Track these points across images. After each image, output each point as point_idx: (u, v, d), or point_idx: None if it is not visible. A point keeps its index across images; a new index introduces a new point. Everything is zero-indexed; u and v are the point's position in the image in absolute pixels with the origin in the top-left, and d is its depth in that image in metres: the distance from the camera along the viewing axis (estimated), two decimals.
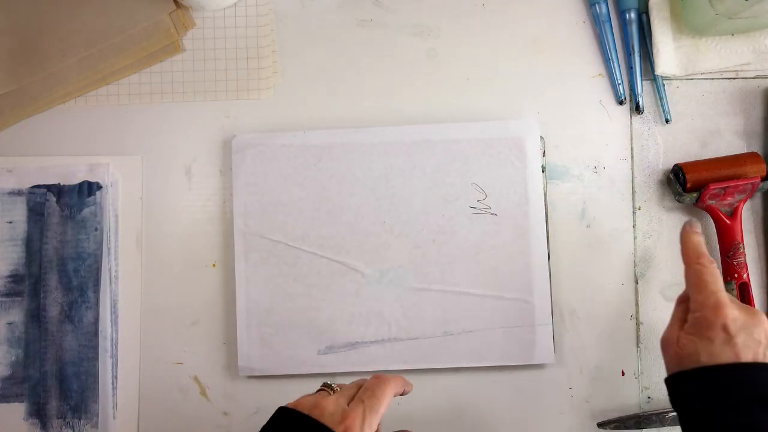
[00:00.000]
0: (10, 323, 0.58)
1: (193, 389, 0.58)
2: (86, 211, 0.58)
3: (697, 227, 0.48)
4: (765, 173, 0.55)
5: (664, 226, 0.59)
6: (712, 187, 0.54)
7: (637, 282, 0.58)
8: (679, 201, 0.57)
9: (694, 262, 0.45)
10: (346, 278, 0.57)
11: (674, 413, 0.55)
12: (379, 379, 0.43)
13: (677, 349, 0.42)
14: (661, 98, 0.59)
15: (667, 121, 0.59)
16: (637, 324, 0.58)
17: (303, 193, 0.57)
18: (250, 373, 0.56)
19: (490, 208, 0.57)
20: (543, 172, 0.57)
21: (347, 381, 0.60)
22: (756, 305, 0.56)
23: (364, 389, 0.42)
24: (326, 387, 0.44)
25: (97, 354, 0.57)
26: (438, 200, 0.57)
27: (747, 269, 0.56)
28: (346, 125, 0.59)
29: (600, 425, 0.56)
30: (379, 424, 0.42)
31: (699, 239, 0.47)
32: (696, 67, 0.58)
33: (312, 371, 0.56)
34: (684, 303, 0.45)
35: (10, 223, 0.59)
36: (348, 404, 0.41)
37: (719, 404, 0.38)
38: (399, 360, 0.56)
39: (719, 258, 0.57)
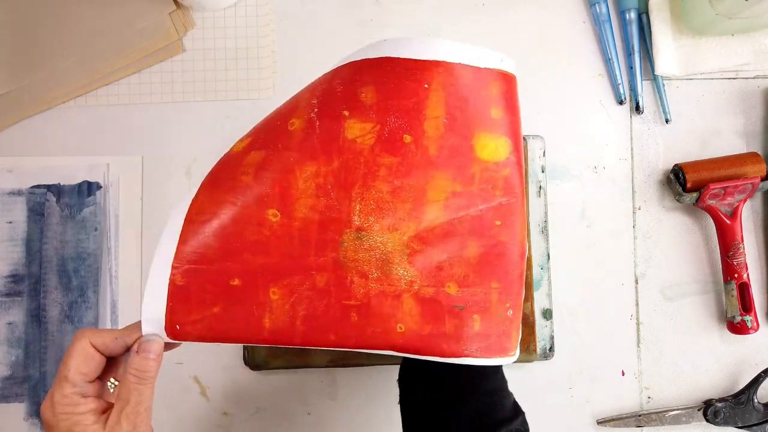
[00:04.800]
0: (10, 323, 0.58)
1: (193, 389, 0.58)
2: (86, 211, 0.58)
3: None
4: (765, 173, 0.55)
5: (664, 226, 0.59)
6: (712, 187, 0.54)
7: (637, 282, 0.58)
8: (679, 201, 0.57)
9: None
10: None
11: (674, 412, 0.56)
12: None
13: None
14: (661, 98, 0.59)
15: (667, 121, 0.59)
16: (637, 324, 0.58)
17: None
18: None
19: None
20: (543, 172, 0.57)
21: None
22: (756, 305, 0.56)
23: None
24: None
25: None
26: None
27: (747, 269, 0.56)
28: None
29: (600, 422, 0.57)
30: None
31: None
32: (696, 67, 0.58)
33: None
34: None
35: (10, 223, 0.59)
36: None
37: None
38: None
39: (719, 258, 0.57)
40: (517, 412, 0.42)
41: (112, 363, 0.38)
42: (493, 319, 0.40)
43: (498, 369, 0.43)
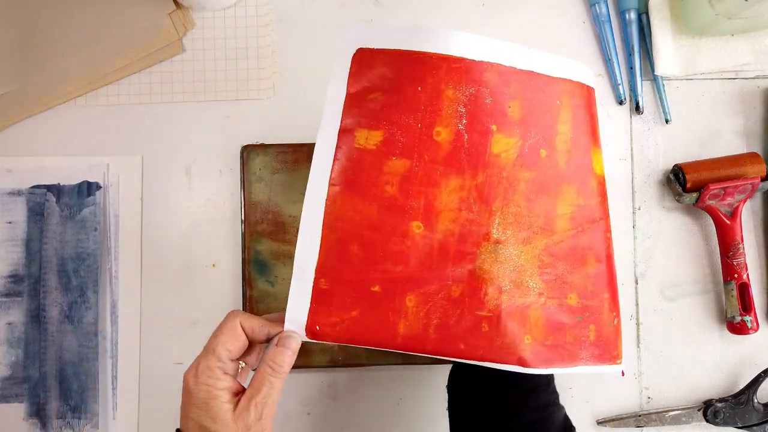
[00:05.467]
0: (10, 323, 0.58)
1: None
2: (86, 211, 0.58)
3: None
4: (765, 173, 0.55)
5: (664, 226, 0.59)
6: (711, 187, 0.54)
7: (637, 282, 0.58)
8: (679, 201, 0.57)
9: None
10: None
11: (674, 412, 0.56)
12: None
13: None
14: (661, 98, 0.59)
15: (667, 121, 0.59)
16: (637, 324, 0.58)
17: None
18: None
19: None
20: None
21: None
22: (756, 305, 0.56)
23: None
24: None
25: (97, 354, 0.57)
26: None
27: (747, 269, 0.56)
28: None
29: (600, 422, 0.56)
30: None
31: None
32: (696, 67, 0.58)
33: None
34: None
35: (10, 223, 0.58)
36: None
37: None
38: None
39: (719, 258, 0.57)
40: (568, 427, 0.42)
41: (247, 350, 0.40)
42: (604, 329, 0.42)
43: (550, 382, 0.44)
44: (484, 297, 0.39)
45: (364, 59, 0.40)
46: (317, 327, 0.39)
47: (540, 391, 0.42)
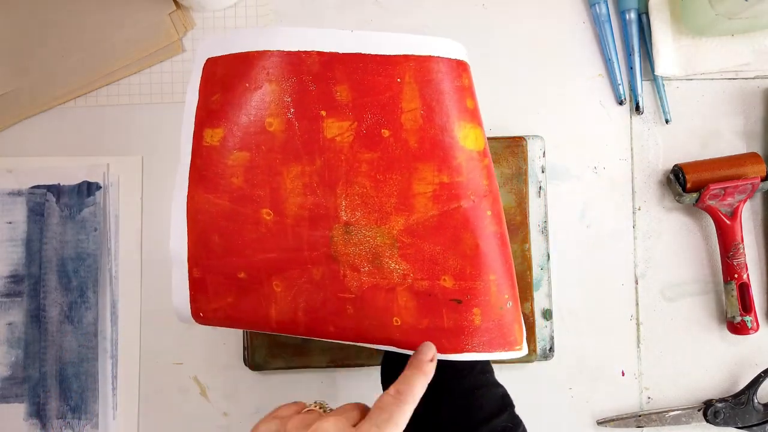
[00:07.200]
0: (10, 323, 0.58)
1: (193, 389, 0.58)
2: (86, 212, 0.58)
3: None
4: (765, 173, 0.55)
5: (664, 226, 0.59)
6: (712, 187, 0.54)
7: (637, 282, 0.58)
8: (679, 201, 0.57)
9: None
10: None
11: (674, 413, 0.56)
12: (398, 395, 0.34)
13: None
14: (661, 98, 0.59)
15: (667, 121, 0.59)
16: (637, 324, 0.58)
17: None
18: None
19: None
20: (543, 172, 0.57)
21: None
22: (756, 305, 0.56)
23: (378, 409, 0.33)
24: (318, 405, 0.36)
25: (97, 354, 0.57)
26: None
27: (747, 269, 0.56)
28: None
29: (600, 423, 0.57)
30: None
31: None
32: (696, 67, 0.58)
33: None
34: None
35: (10, 223, 0.58)
36: (354, 426, 0.33)
37: None
38: None
39: (719, 258, 0.57)
40: (504, 406, 0.40)
41: None
42: (494, 312, 0.39)
43: (474, 365, 0.41)
44: (343, 279, 0.40)
45: (210, 67, 0.42)
46: (201, 314, 0.43)
47: (462, 377, 0.40)
